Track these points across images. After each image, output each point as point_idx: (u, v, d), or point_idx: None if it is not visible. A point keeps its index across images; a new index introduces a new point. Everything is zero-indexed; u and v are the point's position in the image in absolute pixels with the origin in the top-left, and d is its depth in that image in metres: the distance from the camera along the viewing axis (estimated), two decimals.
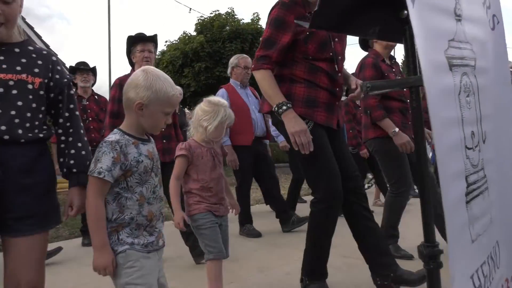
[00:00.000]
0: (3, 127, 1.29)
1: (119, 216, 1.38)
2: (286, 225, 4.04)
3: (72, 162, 1.46)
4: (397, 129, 2.82)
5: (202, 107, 2.10)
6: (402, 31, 1.18)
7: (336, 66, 2.21)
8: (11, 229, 1.30)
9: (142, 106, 1.39)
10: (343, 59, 2.30)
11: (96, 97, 4.10)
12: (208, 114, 2.05)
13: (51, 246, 4.16)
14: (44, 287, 1.41)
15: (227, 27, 16.51)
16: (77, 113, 1.55)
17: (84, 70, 4.00)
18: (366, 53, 3.20)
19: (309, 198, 3.72)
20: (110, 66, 15.76)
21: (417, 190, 5.41)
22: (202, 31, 16.72)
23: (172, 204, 2.09)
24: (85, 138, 1.55)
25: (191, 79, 15.94)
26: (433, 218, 1.15)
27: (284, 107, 2.07)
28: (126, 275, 1.36)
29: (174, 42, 17.34)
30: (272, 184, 4.14)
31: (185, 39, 16.93)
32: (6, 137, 1.29)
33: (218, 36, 16.25)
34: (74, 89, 1.61)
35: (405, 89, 2.91)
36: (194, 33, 17.14)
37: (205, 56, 15.93)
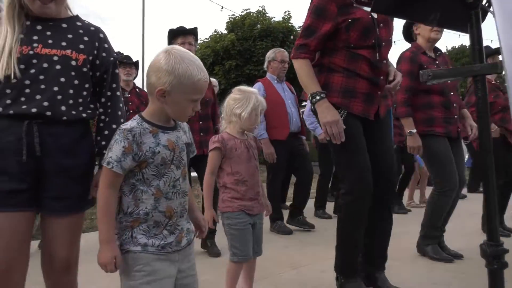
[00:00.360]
0: (46, 103, 1.28)
1: (134, 209, 1.26)
2: (292, 219, 4.03)
3: (103, 143, 1.45)
4: (414, 130, 2.80)
5: (232, 96, 2.04)
6: (468, 17, 1.11)
7: (379, 53, 2.13)
8: (47, 207, 1.31)
9: (164, 93, 1.24)
10: (388, 45, 2.21)
11: (137, 90, 4.18)
12: (240, 102, 1.99)
13: (86, 237, 4.30)
14: (78, 262, 1.42)
15: (258, 25, 16.54)
16: (119, 93, 1.53)
17: (127, 63, 4.09)
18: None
19: None
20: (144, 65, 16.07)
21: (463, 192, 5.26)
22: (233, 29, 16.83)
23: (204, 200, 2.02)
24: (121, 121, 1.51)
25: (221, 77, 16.07)
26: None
27: (318, 97, 2.08)
28: (133, 277, 1.24)
29: (205, 40, 17.53)
30: (304, 178, 4.07)
31: (216, 37, 17.09)
32: (49, 113, 1.28)
33: (249, 35, 16.30)
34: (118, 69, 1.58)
35: (449, 81, 2.82)
36: (225, 32, 17.27)
37: (235, 54, 16.02)
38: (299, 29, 17.99)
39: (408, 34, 3.16)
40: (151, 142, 1.26)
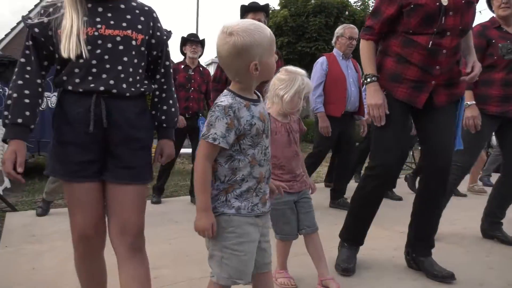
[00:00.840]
0: (112, 81, 1.36)
1: (231, 177, 1.37)
2: (333, 201, 4.10)
3: (163, 117, 1.55)
4: (472, 102, 2.72)
5: (278, 76, 1.98)
6: None
7: (438, 42, 2.05)
8: (117, 176, 1.40)
9: (257, 65, 1.32)
10: (456, 34, 2.08)
11: (201, 68, 4.31)
12: (285, 83, 1.93)
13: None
14: (143, 234, 1.49)
15: (312, 1, 16.08)
16: (171, 70, 1.62)
17: (194, 41, 4.21)
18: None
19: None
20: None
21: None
22: (287, 5, 16.49)
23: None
24: (175, 95, 1.61)
25: None
26: None
27: (369, 79, 2.17)
28: (226, 238, 1.36)
29: None
30: (347, 160, 4.08)
31: (269, 13, 16.87)
32: (114, 91, 1.37)
33: (302, 10, 15.91)
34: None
35: None
36: (278, 7, 16.99)
37: (288, 30, 15.76)
38: (355, 4, 17.29)
39: (490, 6, 2.97)
40: (247, 115, 1.36)
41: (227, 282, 1.38)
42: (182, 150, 4.82)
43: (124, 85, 1.38)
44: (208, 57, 27.31)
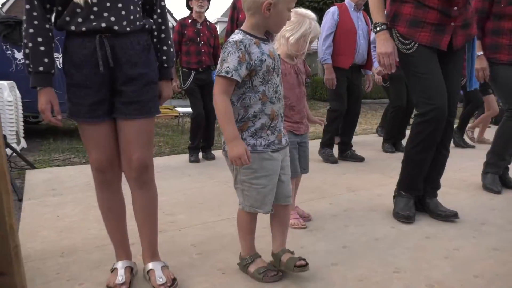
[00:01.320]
0: (113, 18, 1.40)
1: (244, 115, 1.47)
2: (342, 154, 4.14)
3: (164, 57, 1.58)
4: (481, 53, 2.73)
5: None
6: None
7: None
8: (121, 112, 1.46)
9: (270, 6, 1.38)
10: None
11: (208, 23, 4.26)
12: (292, 25, 1.94)
13: (157, 161, 4.73)
14: (153, 167, 1.58)
15: None
16: (166, 10, 1.63)
17: None
18: None
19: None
20: None
21: None
22: None
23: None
24: (172, 36, 1.64)
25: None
26: None
27: (378, 28, 2.17)
28: (244, 174, 1.50)
29: None
30: (352, 114, 4.08)
31: None
32: (116, 27, 1.40)
33: None
34: None
35: None
36: None
37: None
38: None
39: None
40: (257, 52, 1.45)
41: (250, 210, 1.55)
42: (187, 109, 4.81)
43: (125, 22, 1.42)
44: (214, 16, 26.61)
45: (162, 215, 2.39)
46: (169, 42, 1.61)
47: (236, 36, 1.44)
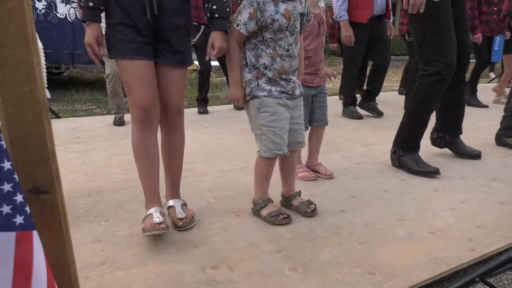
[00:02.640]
0: None
1: (255, 63, 1.60)
2: (363, 103, 4.11)
3: (215, 7, 1.57)
4: None
5: None
6: None
7: None
8: (166, 58, 1.54)
9: None
10: None
11: None
12: None
13: None
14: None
15: None
16: None
17: None
18: None
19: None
20: None
21: None
22: None
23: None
24: None
25: None
26: None
27: None
28: (260, 118, 1.61)
29: None
30: (380, 64, 3.97)
31: None
32: None
33: None
34: None
35: None
36: None
37: None
38: None
39: None
40: (271, 10, 1.53)
41: (268, 154, 1.65)
42: (212, 63, 4.85)
43: None
44: None
45: None
46: None
47: None
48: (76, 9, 5.53)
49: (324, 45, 2.22)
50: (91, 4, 1.42)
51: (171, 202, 1.69)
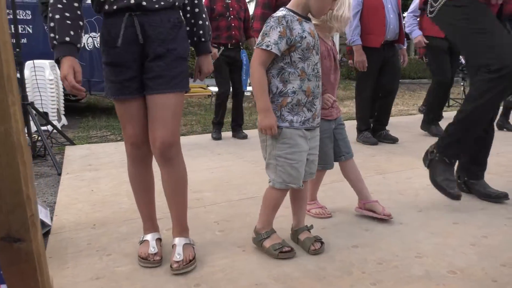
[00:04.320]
0: None
1: (282, 89, 1.53)
2: (374, 134, 4.00)
3: (201, 32, 1.62)
4: None
5: None
6: None
7: None
8: (147, 87, 1.49)
9: None
10: None
11: None
12: (338, 2, 1.82)
13: (188, 140, 4.84)
14: (178, 144, 1.55)
15: None
16: None
17: None
18: None
19: None
20: None
21: None
22: None
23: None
24: (205, 9, 1.66)
25: None
26: None
27: None
28: (279, 148, 1.55)
29: None
30: (388, 92, 3.90)
31: None
32: (144, 3, 1.42)
33: None
34: None
35: None
36: None
37: None
38: None
39: None
40: (298, 28, 1.51)
41: (281, 186, 1.58)
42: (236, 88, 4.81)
43: None
44: None
45: (189, 192, 2.41)
46: (204, 15, 1.64)
47: (280, 12, 1.52)
48: (94, 39, 5.68)
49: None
50: (67, 39, 1.37)
51: (175, 240, 1.60)
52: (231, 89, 4.34)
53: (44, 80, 4.81)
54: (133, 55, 1.46)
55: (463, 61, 6.82)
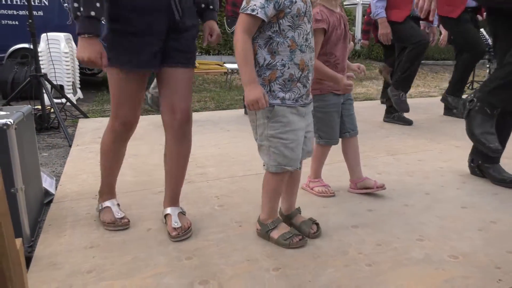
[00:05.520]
0: None
1: (271, 61, 1.36)
2: (387, 115, 3.87)
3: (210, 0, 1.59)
4: None
5: None
6: None
7: None
8: (174, 60, 1.47)
9: None
10: None
11: None
12: None
13: (199, 115, 4.81)
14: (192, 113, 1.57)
15: None
16: None
17: None
18: None
19: None
20: None
21: None
22: None
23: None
24: None
25: None
26: None
27: None
28: (272, 128, 1.40)
29: None
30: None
31: None
32: None
33: None
34: None
35: None
36: None
37: None
38: None
39: None
40: None
41: (277, 169, 1.43)
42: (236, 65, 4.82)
43: None
44: None
45: (194, 167, 2.44)
46: None
47: None
48: None
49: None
50: (92, 13, 1.28)
51: (168, 210, 1.60)
52: None
53: (60, 53, 4.82)
54: (167, 26, 1.43)
55: (490, 41, 6.50)
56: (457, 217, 1.75)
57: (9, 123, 1.42)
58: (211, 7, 1.60)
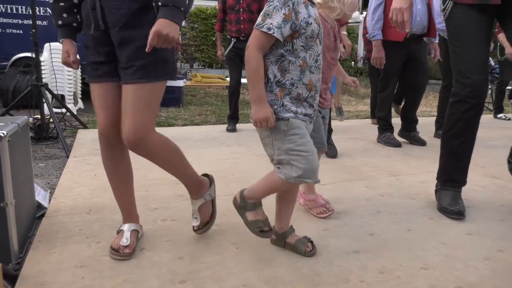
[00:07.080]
0: None
1: (280, 79, 1.35)
2: (403, 133, 3.83)
3: None
4: None
5: None
6: None
7: None
8: (120, 78, 1.40)
9: None
10: None
11: None
12: None
13: (200, 129, 4.78)
14: (149, 136, 1.40)
15: None
16: None
17: None
18: None
19: None
20: None
21: None
22: None
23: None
24: None
25: None
26: None
27: None
28: (289, 141, 1.35)
29: None
30: (415, 89, 3.64)
31: None
32: None
33: None
34: None
35: None
36: None
37: None
38: None
39: None
40: (304, 12, 1.34)
41: (295, 181, 1.38)
42: (243, 80, 4.80)
43: None
44: None
45: None
46: None
47: None
48: None
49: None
50: (60, 22, 1.47)
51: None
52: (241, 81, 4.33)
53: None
54: (98, 40, 1.40)
55: (492, 63, 6.51)
56: (462, 244, 1.69)
57: (2, 135, 1.38)
58: (159, 3, 1.29)
